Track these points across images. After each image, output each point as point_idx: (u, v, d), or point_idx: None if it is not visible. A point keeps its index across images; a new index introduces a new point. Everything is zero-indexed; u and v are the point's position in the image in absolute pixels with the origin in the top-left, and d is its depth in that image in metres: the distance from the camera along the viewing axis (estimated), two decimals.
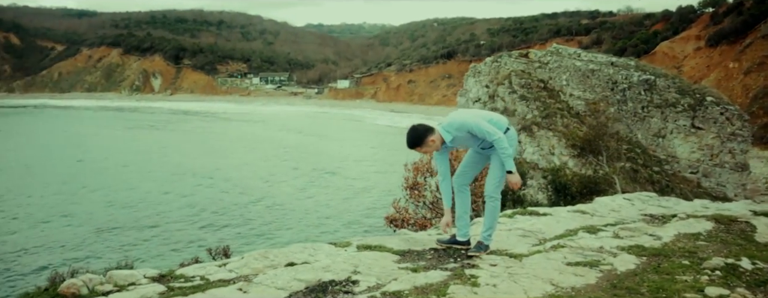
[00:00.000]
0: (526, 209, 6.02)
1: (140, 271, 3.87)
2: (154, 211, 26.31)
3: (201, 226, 23.76)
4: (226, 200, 28.62)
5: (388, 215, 9.33)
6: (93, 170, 37.28)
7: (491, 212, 4.51)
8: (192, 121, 78.15)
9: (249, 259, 4.12)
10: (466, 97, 28.82)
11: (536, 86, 26.46)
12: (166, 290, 3.66)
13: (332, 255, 4.28)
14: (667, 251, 4.62)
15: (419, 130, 4.33)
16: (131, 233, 22.54)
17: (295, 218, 25.54)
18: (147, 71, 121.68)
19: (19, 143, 52.25)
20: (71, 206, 27.39)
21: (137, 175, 35.78)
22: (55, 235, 22.69)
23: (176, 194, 30.14)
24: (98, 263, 15.13)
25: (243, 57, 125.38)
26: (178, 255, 17.19)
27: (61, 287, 3.68)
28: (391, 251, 4.43)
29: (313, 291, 3.64)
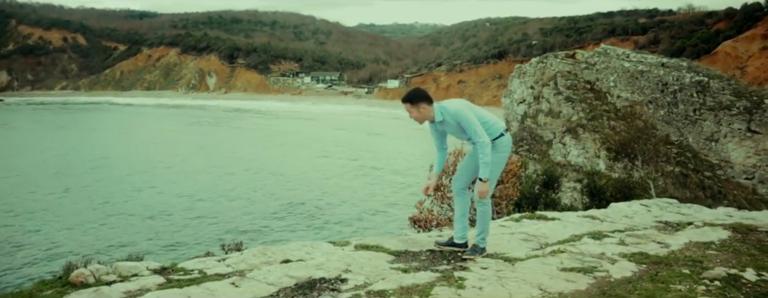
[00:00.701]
0: (535, 214, 6.00)
1: (144, 263, 4.11)
2: (213, 203, 27.33)
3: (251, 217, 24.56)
4: (279, 193, 29.53)
5: (412, 215, 9.40)
6: (159, 164, 39.01)
7: (482, 216, 4.56)
8: (246, 119, 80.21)
9: (248, 255, 4.31)
10: (511, 98, 28.51)
11: (582, 88, 25.92)
12: (164, 282, 3.89)
13: (328, 254, 4.42)
14: (671, 260, 4.55)
15: (420, 91, 4.55)
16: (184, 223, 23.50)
17: (344, 212, 26.09)
18: (203, 70, 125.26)
19: (96, 138, 55.38)
20: (132, 196, 28.88)
21: (199, 168, 37.20)
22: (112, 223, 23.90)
23: (231, 186, 31.24)
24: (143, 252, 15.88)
25: (295, 56, 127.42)
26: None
27: (72, 276, 3.96)
28: (387, 252, 4.54)
29: (301, 288, 3.79)
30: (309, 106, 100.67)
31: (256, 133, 60.63)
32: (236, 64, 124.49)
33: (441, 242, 4.79)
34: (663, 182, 20.58)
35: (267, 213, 25.74)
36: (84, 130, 64.14)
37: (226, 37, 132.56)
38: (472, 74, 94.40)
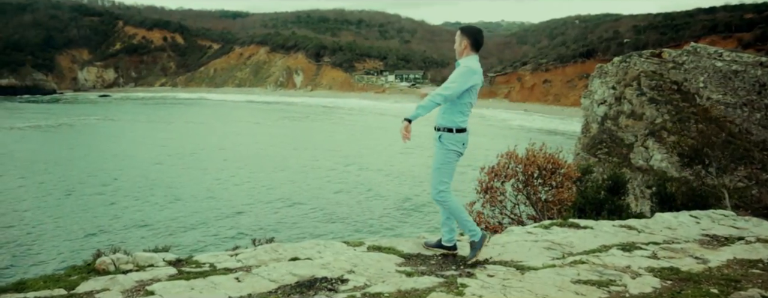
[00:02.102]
0: (566, 221, 5.76)
1: (161, 254, 4.33)
2: (309, 194, 28.43)
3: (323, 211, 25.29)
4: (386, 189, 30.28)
5: None
6: (256, 155, 41.08)
7: (454, 212, 4.40)
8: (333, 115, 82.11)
9: (259, 251, 4.44)
10: (591, 98, 27.43)
11: (668, 88, 24.51)
12: (175, 274, 4.08)
13: (338, 253, 4.47)
14: (702, 277, 4.24)
15: (474, 30, 4.66)
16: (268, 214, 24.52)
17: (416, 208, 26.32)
18: (290, 68, 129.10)
19: (192, 131, 59.08)
20: (218, 185, 30.54)
21: (300, 164, 38.71)
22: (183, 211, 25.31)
23: (336, 181, 32.28)
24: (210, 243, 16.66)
25: (380, 55, 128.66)
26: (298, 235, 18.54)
27: (96, 263, 4.24)
28: (398, 254, 4.52)
29: (300, 286, 3.86)
30: (391, 105, 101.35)
31: (348, 129, 61.76)
32: (322, 63, 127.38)
33: (430, 243, 4.73)
34: (758, 191, 19.09)
35: (391, 208, 26.33)
36: (182, 124, 68.30)
37: (313, 36, 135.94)
38: (558, 74, 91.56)
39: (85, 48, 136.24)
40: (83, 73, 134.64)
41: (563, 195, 9.14)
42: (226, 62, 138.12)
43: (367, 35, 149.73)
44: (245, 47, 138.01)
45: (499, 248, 4.77)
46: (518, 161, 9.11)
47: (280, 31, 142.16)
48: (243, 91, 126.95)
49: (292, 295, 3.71)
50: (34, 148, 48.75)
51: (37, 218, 25.76)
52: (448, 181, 4.39)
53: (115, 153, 43.42)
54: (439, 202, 4.39)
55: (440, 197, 4.35)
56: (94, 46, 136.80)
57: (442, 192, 4.35)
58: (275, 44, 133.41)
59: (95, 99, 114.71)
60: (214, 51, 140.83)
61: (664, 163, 23.43)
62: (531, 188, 9.12)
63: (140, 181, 33.18)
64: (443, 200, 4.35)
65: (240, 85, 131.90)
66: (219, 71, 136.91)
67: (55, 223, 24.78)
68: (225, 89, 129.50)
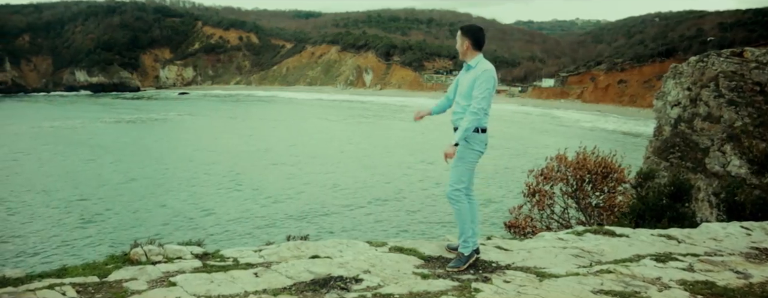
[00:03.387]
0: (601, 228, 5.56)
1: (189, 248, 4.53)
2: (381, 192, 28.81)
3: None
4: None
5: (507, 221, 9.14)
6: (329, 152, 42.00)
7: (458, 215, 4.36)
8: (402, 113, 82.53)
9: (282, 248, 4.55)
10: (664, 100, 26.19)
11: (750, 90, 23.03)
12: (200, 266, 4.26)
13: (359, 253, 4.52)
14: (739, 293, 4.01)
15: (474, 28, 4.55)
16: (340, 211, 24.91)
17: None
18: (360, 67, 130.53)
19: (266, 127, 61.24)
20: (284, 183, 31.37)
21: (375, 158, 39.30)
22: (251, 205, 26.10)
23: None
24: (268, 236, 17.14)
25: (449, 54, 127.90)
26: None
27: (130, 253, 4.49)
28: (419, 256, 4.52)
29: (315, 283, 3.94)
30: None
31: (420, 127, 61.77)
32: (392, 62, 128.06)
33: (452, 245, 4.69)
34: None
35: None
36: (256, 121, 70.70)
37: (383, 35, 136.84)
38: (635, 74, 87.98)
39: (167, 47, 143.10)
40: (164, 72, 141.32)
41: (614, 201, 8.82)
42: (298, 61, 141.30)
43: (436, 34, 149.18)
44: (317, 46, 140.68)
45: (524, 254, 4.69)
46: (568, 165, 8.87)
47: (350, 30, 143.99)
48: (314, 89, 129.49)
49: (305, 292, 3.79)
50: (132, 140, 52.60)
51: (117, 203, 27.41)
52: (466, 181, 4.37)
53: (196, 147, 45.65)
54: (451, 200, 4.37)
55: (454, 195, 4.33)
56: (175, 45, 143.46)
57: (457, 191, 4.34)
58: (346, 43, 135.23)
59: (175, 96, 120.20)
60: (286, 50, 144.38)
61: (743, 169, 22.05)
62: (581, 192, 8.85)
63: (219, 175, 34.47)
64: (456, 199, 4.34)
65: (311, 83, 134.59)
66: (291, 70, 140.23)
67: (131, 209, 26.20)
68: (296, 87, 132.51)
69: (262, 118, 74.64)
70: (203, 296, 3.70)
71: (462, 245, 4.39)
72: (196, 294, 3.72)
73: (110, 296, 3.74)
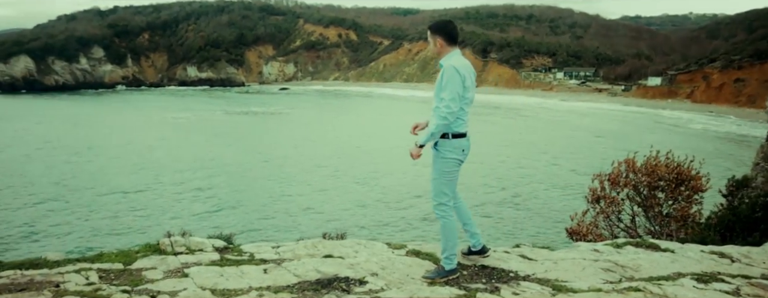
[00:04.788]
0: (645, 241, 5.15)
1: (211, 241, 4.70)
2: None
3: None
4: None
5: (569, 227, 8.70)
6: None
7: (443, 229, 4.09)
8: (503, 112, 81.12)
9: (299, 245, 4.62)
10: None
11: None
12: (217, 259, 4.41)
13: (374, 254, 4.49)
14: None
15: (444, 24, 4.16)
16: None
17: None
18: None
19: (363, 122, 62.80)
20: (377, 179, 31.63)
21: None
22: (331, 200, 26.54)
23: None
24: None
25: (549, 51, 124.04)
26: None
27: (159, 243, 4.72)
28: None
29: (318, 283, 3.96)
30: (558, 103, 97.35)
31: (521, 125, 60.33)
32: (489, 59, 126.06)
33: (464, 251, 4.51)
34: None
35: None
36: (362, 114, 72.54)
37: (480, 32, 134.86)
38: (755, 72, 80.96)
39: (270, 44, 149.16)
40: (267, 68, 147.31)
41: (688, 211, 8.15)
42: (395, 58, 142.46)
43: (536, 31, 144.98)
44: (414, 43, 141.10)
45: (549, 265, 4.45)
46: (636, 170, 8.31)
47: None
48: (409, 86, 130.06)
49: (306, 291, 3.83)
50: (254, 129, 56.02)
51: (206, 190, 28.85)
52: (449, 193, 4.07)
53: (295, 140, 47.25)
54: (437, 214, 4.11)
55: (440, 210, 4.07)
56: (278, 42, 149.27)
57: (442, 205, 4.06)
58: None
59: (277, 91, 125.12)
60: (384, 47, 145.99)
61: None
62: (651, 200, 8.27)
63: (314, 167, 35.02)
64: (442, 214, 4.07)
65: (407, 80, 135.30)
66: (388, 66, 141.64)
67: (212, 197, 27.38)
68: (393, 84, 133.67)
69: (366, 113, 75.99)
70: (209, 288, 3.83)
71: (444, 260, 4.12)
72: (203, 286, 3.85)
73: (127, 283, 3.96)
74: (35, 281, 4.04)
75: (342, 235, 6.21)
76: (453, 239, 4.12)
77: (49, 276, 4.12)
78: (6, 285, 3.95)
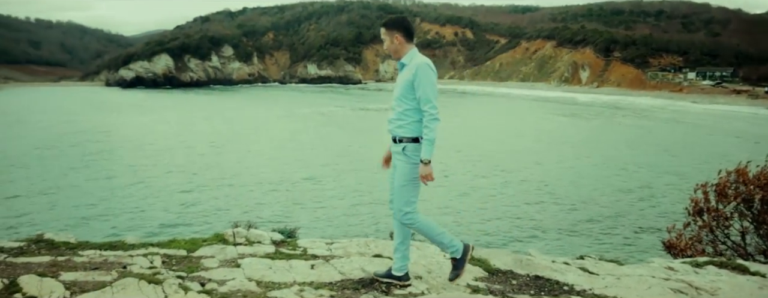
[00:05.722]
0: (731, 262, 4.61)
1: (270, 234, 4.85)
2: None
3: None
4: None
5: (665, 240, 8.02)
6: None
7: (423, 235, 3.85)
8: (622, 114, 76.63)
9: (352, 243, 4.65)
10: None
11: None
12: (271, 252, 4.55)
13: (425, 257, 4.42)
14: None
15: (400, 19, 3.90)
16: None
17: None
18: (576, 63, 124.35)
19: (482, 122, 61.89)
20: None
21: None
22: None
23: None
24: None
25: (679, 49, 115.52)
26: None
27: (224, 233, 4.96)
28: (486, 267, 4.26)
29: (360, 282, 3.97)
30: (689, 105, 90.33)
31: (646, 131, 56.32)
32: (612, 58, 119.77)
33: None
34: None
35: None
36: (484, 114, 71.59)
37: (603, 30, 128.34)
38: None
39: None
40: (383, 66, 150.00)
41: None
42: (511, 57, 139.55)
43: (666, 28, 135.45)
44: (531, 42, 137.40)
45: (610, 280, 4.14)
46: (748, 182, 7.48)
47: (568, 25, 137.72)
48: (526, 85, 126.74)
49: (345, 290, 3.85)
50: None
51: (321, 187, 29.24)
52: (414, 200, 3.78)
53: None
54: (406, 225, 3.83)
55: (408, 219, 3.77)
56: None
57: (409, 214, 3.75)
58: (562, 38, 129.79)
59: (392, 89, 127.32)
60: (500, 45, 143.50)
61: None
62: (764, 215, 7.41)
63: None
64: (411, 222, 3.77)
65: (524, 79, 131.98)
66: (504, 65, 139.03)
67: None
68: (508, 83, 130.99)
69: (487, 112, 74.43)
70: (256, 280, 3.96)
71: (450, 252, 3.85)
72: (251, 278, 4.00)
73: (183, 269, 4.20)
74: (108, 261, 4.40)
75: None
76: (435, 231, 3.82)
77: (120, 258, 4.46)
78: (84, 263, 4.34)
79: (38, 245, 4.85)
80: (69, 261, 4.35)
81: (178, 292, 3.64)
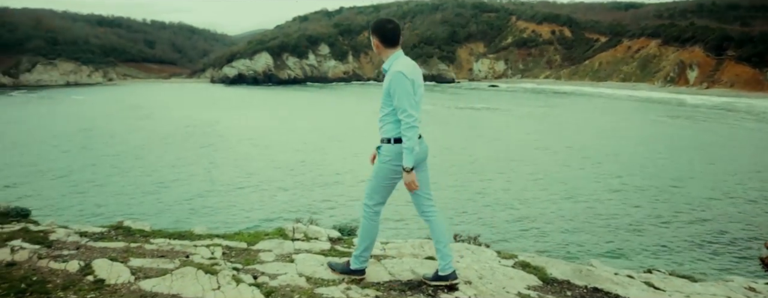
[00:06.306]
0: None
1: (328, 231, 4.91)
2: None
3: None
4: None
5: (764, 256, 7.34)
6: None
7: (361, 232, 3.91)
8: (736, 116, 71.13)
9: (406, 244, 4.62)
10: None
11: None
12: (326, 249, 4.62)
13: (478, 261, 4.31)
14: None
15: (380, 24, 3.91)
16: None
17: None
18: (684, 62, 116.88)
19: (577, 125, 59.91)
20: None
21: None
22: None
23: None
24: None
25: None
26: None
27: (285, 227, 5.09)
28: (541, 275, 4.09)
29: (407, 284, 3.95)
30: None
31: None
32: (724, 56, 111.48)
33: (427, 276, 4.02)
34: None
35: None
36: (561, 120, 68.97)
37: (715, 26, 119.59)
38: None
39: (481, 42, 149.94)
40: (477, 65, 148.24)
41: None
42: (612, 55, 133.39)
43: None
44: (634, 40, 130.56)
45: (677, 296, 3.83)
46: None
47: (675, 21, 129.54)
48: (626, 86, 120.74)
49: (392, 291, 3.84)
50: (486, 123, 56.72)
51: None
52: (379, 199, 3.86)
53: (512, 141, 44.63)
54: (362, 215, 3.93)
55: (364, 209, 3.90)
56: (489, 39, 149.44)
57: (368, 207, 3.87)
58: (668, 36, 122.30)
59: (486, 88, 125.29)
60: (600, 44, 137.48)
61: None
62: None
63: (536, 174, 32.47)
64: (365, 214, 3.89)
65: (625, 79, 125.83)
66: (604, 65, 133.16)
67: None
68: (608, 83, 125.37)
69: (586, 112, 71.16)
70: (306, 276, 4.04)
71: (353, 258, 4.00)
72: (302, 273, 4.08)
73: (241, 261, 4.36)
74: (174, 250, 4.65)
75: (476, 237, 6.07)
76: (368, 240, 3.92)
77: (186, 247, 4.70)
78: (152, 251, 4.61)
79: (117, 232, 5.21)
80: (140, 248, 4.64)
81: (231, 283, 3.78)
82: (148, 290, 3.69)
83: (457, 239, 5.98)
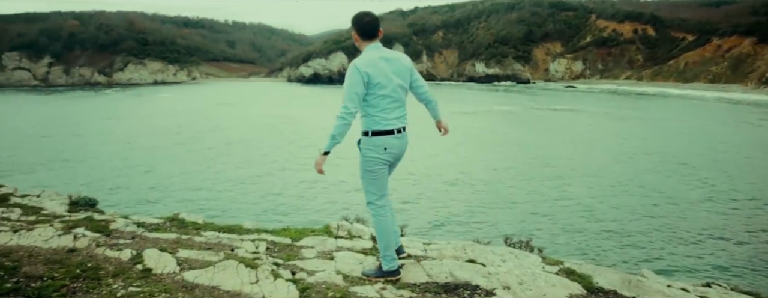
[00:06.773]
0: None
1: (370, 229, 4.90)
2: None
3: None
4: None
5: None
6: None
7: (376, 231, 3.94)
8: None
9: (449, 246, 4.53)
10: None
11: None
12: (368, 248, 4.61)
13: (520, 266, 4.17)
14: None
15: (358, 16, 3.95)
16: None
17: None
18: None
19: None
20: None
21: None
22: None
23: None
24: None
25: None
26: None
27: (331, 225, 5.13)
28: (586, 284, 3.90)
29: (444, 287, 3.89)
30: None
31: None
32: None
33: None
34: None
35: None
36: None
37: None
38: None
39: (558, 41, 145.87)
40: (554, 65, 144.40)
41: None
42: (699, 55, 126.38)
43: None
44: (725, 39, 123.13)
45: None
46: None
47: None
48: (715, 87, 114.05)
49: (427, 293, 3.78)
50: (569, 125, 55.09)
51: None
52: (376, 192, 3.91)
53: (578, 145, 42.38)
54: (371, 214, 3.98)
55: (369, 208, 3.96)
56: (566, 39, 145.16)
57: (371, 204, 3.93)
58: (765, 34, 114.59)
59: (562, 89, 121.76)
60: (687, 43, 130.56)
61: None
62: None
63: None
64: (372, 213, 3.94)
65: (713, 80, 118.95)
66: (690, 65, 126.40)
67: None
68: (694, 85, 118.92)
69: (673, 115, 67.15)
70: (344, 274, 4.05)
71: (382, 259, 4.00)
72: (340, 271, 4.09)
73: (282, 256, 4.42)
74: (221, 243, 4.78)
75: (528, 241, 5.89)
76: (386, 238, 3.94)
77: (233, 241, 4.82)
78: (201, 243, 4.76)
79: (172, 223, 5.41)
80: (190, 240, 4.80)
81: (269, 278, 3.84)
82: (190, 280, 3.80)
83: (507, 242, 5.82)
